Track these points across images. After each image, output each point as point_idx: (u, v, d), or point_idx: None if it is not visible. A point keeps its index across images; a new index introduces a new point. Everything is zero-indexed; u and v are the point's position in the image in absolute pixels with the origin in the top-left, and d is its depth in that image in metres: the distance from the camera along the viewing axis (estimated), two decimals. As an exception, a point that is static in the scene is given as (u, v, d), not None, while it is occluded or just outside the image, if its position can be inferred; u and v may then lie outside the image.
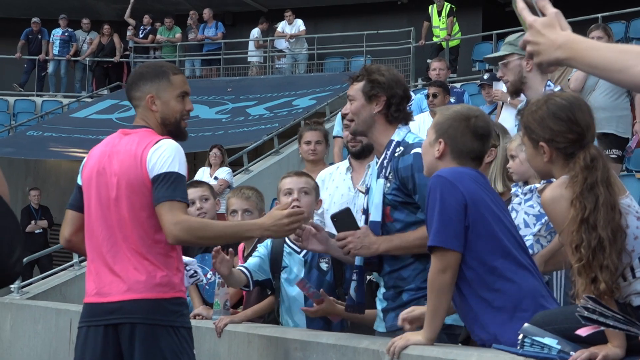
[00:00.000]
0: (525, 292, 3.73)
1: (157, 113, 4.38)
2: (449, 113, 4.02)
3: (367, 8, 23.65)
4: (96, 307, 4.28)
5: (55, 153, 19.30)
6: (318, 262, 5.35)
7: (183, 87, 4.44)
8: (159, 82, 4.40)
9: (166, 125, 4.39)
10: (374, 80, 4.50)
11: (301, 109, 18.39)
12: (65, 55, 23.14)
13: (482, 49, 20.19)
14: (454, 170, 3.83)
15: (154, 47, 23.58)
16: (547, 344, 3.12)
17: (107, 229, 4.28)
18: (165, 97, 4.38)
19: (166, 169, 4.19)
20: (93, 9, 25.15)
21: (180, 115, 4.42)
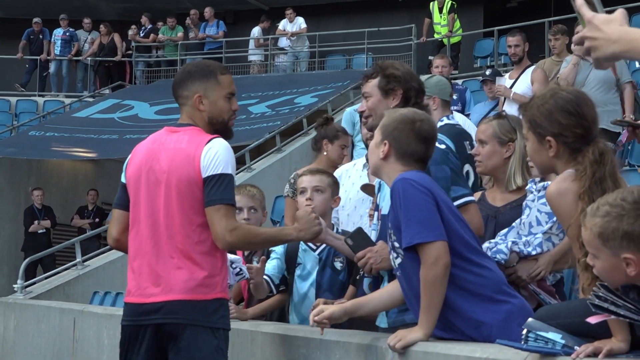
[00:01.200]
0: (498, 278, 3.86)
1: (205, 112, 4.40)
2: (395, 116, 4.09)
3: (368, 5, 23.64)
4: (139, 307, 4.33)
5: (57, 153, 19.29)
6: (332, 261, 5.35)
7: (230, 88, 4.46)
8: (207, 81, 4.41)
9: (213, 124, 4.41)
10: (389, 75, 4.52)
11: (303, 107, 18.37)
12: (67, 55, 23.15)
13: (483, 46, 20.19)
14: (414, 173, 3.88)
15: (156, 46, 23.59)
16: (551, 339, 3.11)
17: (152, 227, 4.30)
18: (213, 97, 4.40)
19: (220, 170, 4.21)
20: (94, 9, 25.15)
21: (228, 115, 4.45)
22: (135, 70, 23.35)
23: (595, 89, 9.14)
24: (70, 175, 20.89)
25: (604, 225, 2.95)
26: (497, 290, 3.81)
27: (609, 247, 2.95)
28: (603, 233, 2.95)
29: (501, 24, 18.91)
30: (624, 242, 2.92)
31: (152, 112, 20.02)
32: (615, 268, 2.95)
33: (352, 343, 4.10)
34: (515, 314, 3.74)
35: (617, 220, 2.93)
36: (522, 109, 3.78)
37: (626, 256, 2.92)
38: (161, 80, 23.03)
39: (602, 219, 2.96)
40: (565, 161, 3.56)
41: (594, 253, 3.01)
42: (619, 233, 2.93)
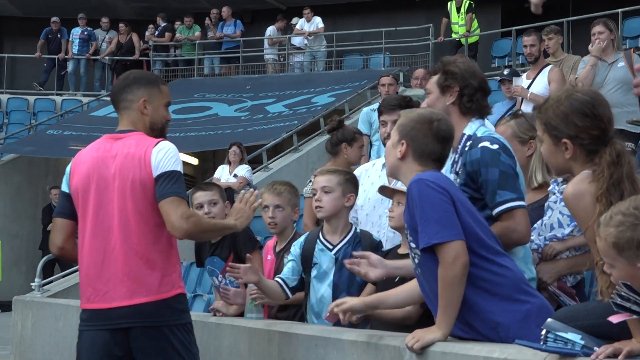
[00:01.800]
0: (516, 276, 3.84)
1: (147, 117, 4.62)
2: (412, 116, 4.07)
3: (386, 5, 23.61)
4: (101, 312, 4.43)
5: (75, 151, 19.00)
6: None
7: (169, 97, 4.76)
8: (151, 88, 4.65)
9: (153, 130, 4.63)
10: (447, 72, 4.45)
11: (320, 106, 18.38)
12: (85, 55, 23.22)
13: (501, 45, 20.15)
14: (430, 173, 3.86)
15: (174, 46, 23.63)
16: (570, 340, 3.09)
17: (105, 232, 4.43)
18: (155, 103, 4.64)
19: (170, 167, 4.40)
20: (112, 8, 25.22)
21: (166, 122, 4.73)
22: (152, 69, 23.40)
23: (614, 90, 9.08)
24: (88, 174, 20.92)
25: (618, 235, 2.94)
26: (517, 290, 3.78)
27: (625, 257, 2.94)
28: (618, 243, 2.94)
29: (519, 24, 18.84)
30: (639, 251, 2.91)
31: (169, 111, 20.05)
32: (633, 277, 2.94)
33: (369, 343, 4.09)
34: (534, 314, 3.72)
35: (631, 230, 2.91)
36: (537, 111, 3.76)
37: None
38: (179, 80, 23.08)
39: (616, 229, 2.94)
40: (582, 163, 3.55)
41: (610, 262, 2.99)
42: (634, 243, 2.92)
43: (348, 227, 5.38)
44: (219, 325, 5.92)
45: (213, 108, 19.93)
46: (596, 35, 9.26)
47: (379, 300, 4.10)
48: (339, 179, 5.45)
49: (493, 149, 4.21)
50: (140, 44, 23.29)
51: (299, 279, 5.43)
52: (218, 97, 20.71)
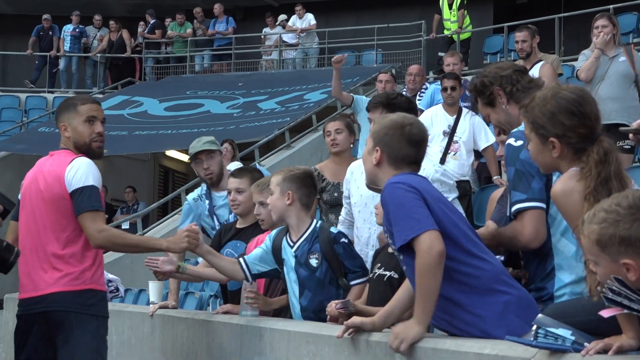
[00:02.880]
0: (496, 269, 3.85)
1: (70, 138, 5.31)
2: (384, 122, 4.13)
3: (378, 1, 23.62)
4: (30, 300, 5.24)
5: (66, 149, 19.32)
6: (308, 259, 5.28)
7: (90, 112, 5.31)
8: (68, 112, 5.34)
9: (79, 147, 5.28)
10: (479, 88, 4.44)
11: (312, 103, 18.37)
12: (77, 52, 23.18)
13: (493, 42, 20.16)
14: (401, 176, 3.92)
15: (166, 43, 23.60)
16: (561, 335, 3.09)
17: (33, 236, 5.26)
18: (74, 124, 5.30)
19: (82, 184, 5.11)
20: (104, 5, 25.18)
21: (90, 137, 5.29)
22: (144, 66, 23.37)
23: (616, 83, 9.09)
24: (80, 172, 20.90)
25: (601, 232, 2.93)
26: (496, 281, 3.79)
27: (608, 254, 2.93)
28: (600, 240, 2.94)
29: (511, 21, 18.86)
30: (621, 247, 2.91)
31: (161, 109, 20.05)
32: (617, 274, 2.93)
33: (360, 339, 4.09)
34: (512, 304, 3.74)
35: (613, 227, 2.91)
36: (524, 110, 3.75)
37: (625, 262, 2.91)
38: (170, 77, 23.06)
39: (599, 226, 2.94)
40: (570, 161, 3.55)
41: (594, 260, 2.99)
42: (617, 239, 2.91)
43: (306, 223, 5.36)
44: (210, 322, 5.91)
45: (205, 105, 19.92)
46: (600, 29, 9.24)
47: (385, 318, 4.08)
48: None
49: (515, 145, 4.05)
50: (132, 41, 23.25)
51: (273, 269, 5.42)
52: (210, 94, 20.68)
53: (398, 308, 4.12)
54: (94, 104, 5.40)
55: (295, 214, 5.33)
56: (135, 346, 7.57)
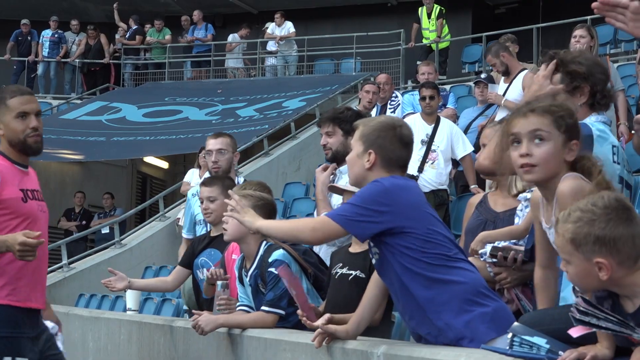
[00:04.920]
0: (477, 281, 3.88)
1: (4, 137, 4.90)
2: (374, 124, 4.12)
3: (358, 10, 23.66)
4: None
5: (44, 155, 19.01)
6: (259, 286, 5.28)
7: (21, 108, 4.86)
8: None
9: (13, 145, 4.90)
10: (571, 72, 4.04)
11: (291, 111, 18.38)
12: (55, 57, 23.10)
13: (471, 51, 20.23)
14: (389, 178, 3.94)
15: (144, 49, 23.55)
16: (536, 344, 3.11)
17: None
18: (5, 121, 4.87)
19: None
20: (82, 11, 25.11)
21: (24, 133, 4.88)
22: (123, 72, 23.31)
23: None
24: (58, 177, 20.84)
25: (575, 230, 2.95)
26: (475, 293, 3.83)
27: (581, 252, 2.95)
28: (575, 239, 2.95)
29: (489, 30, 18.96)
30: (595, 246, 2.92)
31: (140, 115, 20.00)
32: (588, 273, 2.94)
33: (336, 347, 4.10)
34: (487, 316, 3.77)
35: (588, 226, 2.93)
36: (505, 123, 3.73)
37: (598, 260, 2.92)
38: (149, 83, 23.00)
39: (574, 225, 2.96)
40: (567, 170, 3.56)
41: (567, 259, 3.01)
42: (591, 238, 2.92)
43: (257, 248, 5.35)
44: (187, 329, 5.91)
45: (183, 112, 19.88)
46: (577, 38, 9.28)
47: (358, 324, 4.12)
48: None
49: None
50: (110, 46, 23.19)
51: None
52: (189, 101, 20.65)
53: (367, 312, 4.16)
54: (24, 96, 4.91)
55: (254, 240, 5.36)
56: (112, 353, 7.55)
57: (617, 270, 2.93)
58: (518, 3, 22.92)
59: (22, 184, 4.89)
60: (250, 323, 5.18)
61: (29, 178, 4.98)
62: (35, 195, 4.96)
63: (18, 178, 4.88)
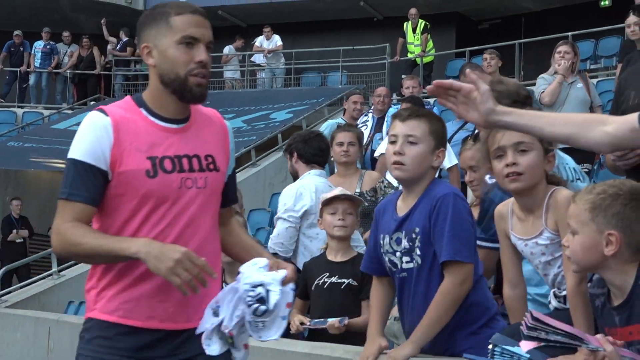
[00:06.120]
0: (490, 310, 3.80)
1: (156, 68, 3.24)
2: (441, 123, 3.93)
3: (344, 24, 23.71)
4: None
5: (35, 164, 19.19)
6: None
7: (188, 30, 3.17)
8: (156, 27, 3.22)
9: (166, 83, 3.22)
10: None
11: (278, 122, 18.37)
12: (47, 68, 23.06)
13: (455, 65, 20.26)
14: (453, 187, 3.85)
15: (135, 60, 23.53)
16: (516, 353, 3.12)
17: None
18: (162, 45, 3.20)
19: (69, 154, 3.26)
20: (74, 22, 25.07)
21: (186, 68, 3.17)
22: (113, 83, 23.29)
23: (576, 108, 9.25)
24: (48, 186, 20.76)
25: (597, 200, 3.01)
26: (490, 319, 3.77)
27: (596, 222, 3.00)
28: (595, 208, 3.01)
29: (473, 45, 19.04)
30: (613, 219, 2.98)
31: (129, 125, 19.96)
32: (594, 245, 3.00)
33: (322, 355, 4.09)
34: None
35: (612, 198, 2.98)
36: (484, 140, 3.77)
37: (611, 232, 2.97)
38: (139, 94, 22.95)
39: (597, 196, 3.02)
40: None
41: (576, 228, 3.04)
42: (611, 210, 2.98)
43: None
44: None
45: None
46: (562, 54, 9.38)
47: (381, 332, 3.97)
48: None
49: None
50: (102, 58, 23.17)
51: None
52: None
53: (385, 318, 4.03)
54: (195, 16, 3.21)
55: None
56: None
57: (622, 251, 2.98)
58: (501, 19, 23.00)
59: (158, 148, 3.18)
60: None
61: (181, 139, 3.23)
62: (183, 164, 3.20)
63: (152, 140, 3.18)
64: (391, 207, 3.88)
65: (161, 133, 3.20)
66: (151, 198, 3.13)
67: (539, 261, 3.65)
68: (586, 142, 2.81)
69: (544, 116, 2.92)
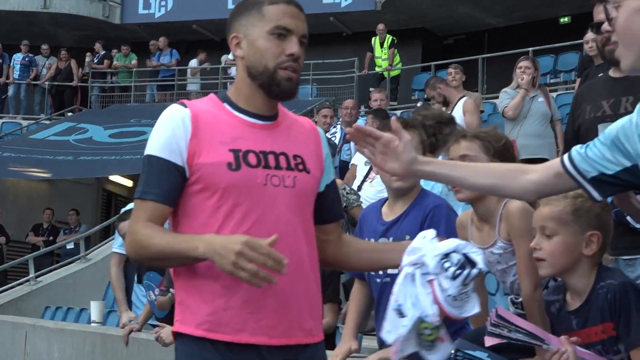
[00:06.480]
0: None
1: (244, 60, 2.91)
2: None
3: (314, 39, 23.39)
4: None
5: (14, 172, 19.09)
6: None
7: (282, 21, 2.87)
8: (247, 15, 2.91)
9: (254, 76, 2.89)
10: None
11: (250, 133, 18.40)
12: (26, 79, 22.95)
13: (421, 79, 20.36)
14: None
15: (111, 73, 23.47)
16: (477, 357, 3.13)
17: None
18: (252, 35, 2.89)
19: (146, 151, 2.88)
20: (52, 36, 24.96)
21: (276, 61, 2.86)
22: (90, 95, 23.21)
23: (537, 121, 9.32)
24: (26, 194, 20.66)
25: (578, 203, 3.04)
26: None
27: (579, 223, 3.05)
28: (578, 210, 3.05)
29: (438, 59, 19.15)
30: (594, 221, 3.04)
31: (106, 135, 19.89)
32: (575, 246, 3.04)
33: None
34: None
35: (590, 203, 3.00)
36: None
37: (593, 233, 3.03)
38: (115, 105, 22.92)
39: (576, 199, 3.04)
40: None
41: (555, 230, 3.07)
42: (593, 212, 3.04)
43: None
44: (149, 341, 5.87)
45: (147, 133, 19.71)
46: (523, 69, 9.45)
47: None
48: None
49: None
50: (79, 70, 23.10)
51: None
52: (152, 123, 20.33)
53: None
54: (290, 7, 2.91)
55: None
56: (76, 363, 7.48)
57: (597, 253, 3.05)
58: (465, 35, 23.12)
59: (242, 141, 2.81)
60: None
61: (268, 135, 2.88)
62: (269, 160, 2.82)
63: (235, 134, 2.83)
64: (375, 212, 3.89)
65: (246, 128, 2.85)
66: (233, 193, 2.72)
67: (496, 269, 3.67)
68: (510, 192, 2.77)
69: (465, 167, 2.86)
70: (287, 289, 2.70)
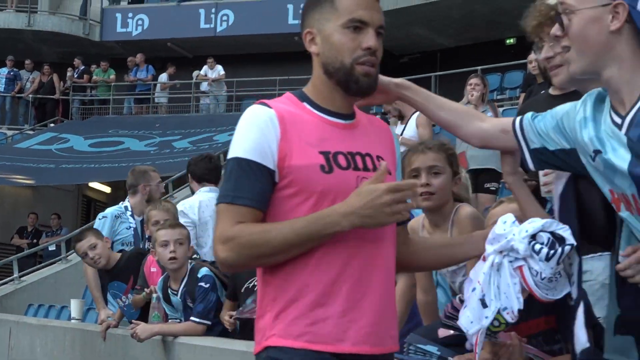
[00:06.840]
0: None
1: (319, 56, 2.62)
2: None
3: (280, 56, 23.74)
4: None
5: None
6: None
7: (356, 13, 2.49)
8: (320, 9, 2.56)
9: (331, 73, 2.58)
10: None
11: (221, 144, 18.34)
12: (10, 92, 22.78)
13: (379, 94, 20.47)
14: None
15: (91, 87, 23.35)
16: (428, 351, 3.15)
17: None
18: (327, 30, 2.55)
19: (229, 154, 2.49)
20: (36, 51, 24.77)
21: (352, 56, 2.51)
22: (71, 107, 23.10)
23: None
24: (12, 199, 20.48)
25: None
26: None
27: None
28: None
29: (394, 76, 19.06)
30: None
31: (86, 145, 19.79)
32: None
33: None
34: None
35: None
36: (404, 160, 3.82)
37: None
38: (95, 117, 22.84)
39: None
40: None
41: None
42: None
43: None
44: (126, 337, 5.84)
45: (125, 143, 19.70)
46: (473, 86, 9.49)
47: None
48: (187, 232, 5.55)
49: None
50: (61, 84, 22.99)
51: None
52: (130, 133, 20.48)
53: None
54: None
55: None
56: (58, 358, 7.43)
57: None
58: (419, 54, 23.24)
59: (329, 143, 2.48)
60: (181, 332, 5.16)
61: (351, 135, 2.54)
62: (357, 161, 2.49)
63: (321, 134, 2.50)
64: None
65: (329, 127, 2.51)
66: (329, 196, 2.38)
67: (446, 270, 3.70)
68: (462, 133, 2.66)
69: (435, 98, 2.76)
70: (380, 294, 2.41)
